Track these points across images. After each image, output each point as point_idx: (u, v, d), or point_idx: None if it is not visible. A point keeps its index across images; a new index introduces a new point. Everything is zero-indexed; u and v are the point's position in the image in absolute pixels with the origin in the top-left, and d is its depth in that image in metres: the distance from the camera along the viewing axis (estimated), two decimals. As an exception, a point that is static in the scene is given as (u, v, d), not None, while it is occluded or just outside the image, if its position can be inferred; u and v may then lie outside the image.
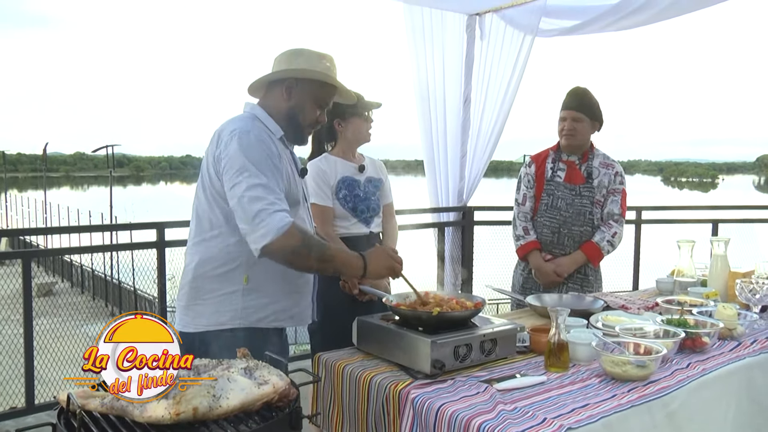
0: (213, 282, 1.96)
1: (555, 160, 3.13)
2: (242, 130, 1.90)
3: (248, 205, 1.81)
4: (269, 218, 1.79)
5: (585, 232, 3.05)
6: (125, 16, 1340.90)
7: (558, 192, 3.07)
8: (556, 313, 1.90)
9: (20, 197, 33.50)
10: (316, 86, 2.03)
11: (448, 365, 1.84)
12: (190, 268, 2.00)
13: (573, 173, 3.08)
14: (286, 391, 1.47)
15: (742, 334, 2.24)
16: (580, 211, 3.04)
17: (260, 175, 1.84)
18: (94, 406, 1.37)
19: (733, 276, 2.68)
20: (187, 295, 2.00)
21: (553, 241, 3.07)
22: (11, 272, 6.52)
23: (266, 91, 2.07)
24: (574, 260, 3.04)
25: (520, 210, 3.16)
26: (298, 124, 2.05)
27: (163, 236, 3.70)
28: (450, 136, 4.66)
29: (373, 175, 2.89)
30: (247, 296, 1.96)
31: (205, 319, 1.96)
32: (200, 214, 1.99)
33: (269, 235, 1.78)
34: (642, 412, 1.67)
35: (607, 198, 3.07)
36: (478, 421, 1.55)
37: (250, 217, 1.80)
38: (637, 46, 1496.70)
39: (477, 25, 4.59)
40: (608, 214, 3.07)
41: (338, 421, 2.01)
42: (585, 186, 3.06)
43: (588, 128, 3.06)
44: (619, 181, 3.09)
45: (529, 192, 3.15)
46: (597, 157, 3.11)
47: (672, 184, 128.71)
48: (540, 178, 3.13)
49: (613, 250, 3.08)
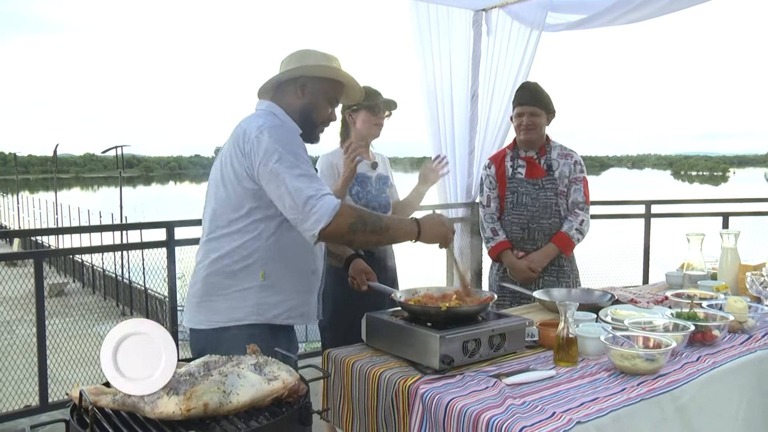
0: (229, 278, 1.97)
1: (514, 158, 3.18)
2: (272, 124, 1.93)
3: (296, 194, 1.83)
4: (319, 203, 1.82)
5: (554, 224, 3.08)
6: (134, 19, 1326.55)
7: (521, 188, 3.11)
8: (565, 308, 1.90)
9: (32, 198, 33.74)
10: (327, 84, 2.07)
11: (457, 360, 1.84)
12: (204, 265, 2.01)
13: (533, 168, 3.12)
14: (295, 387, 1.48)
15: (753, 327, 2.22)
16: (546, 204, 3.07)
17: (300, 164, 1.88)
18: (106, 403, 1.39)
19: (744, 269, 2.66)
20: (201, 292, 2.00)
21: (524, 237, 3.10)
22: (24, 273, 6.58)
23: (276, 91, 2.09)
24: (546, 253, 3.07)
25: (486, 212, 3.20)
26: (312, 122, 2.08)
27: (172, 235, 3.72)
28: (458, 132, 4.66)
29: (383, 173, 2.92)
30: (262, 292, 1.97)
31: (220, 315, 1.97)
32: (217, 210, 2.00)
33: (323, 219, 1.81)
34: (651, 405, 1.66)
35: (570, 187, 3.11)
36: (488, 416, 1.55)
37: (300, 205, 1.83)
38: (645, 39, 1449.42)
39: (483, 20, 4.59)
40: (573, 203, 3.11)
41: (348, 416, 2.02)
42: (547, 179, 3.10)
43: (544, 122, 3.12)
44: (579, 169, 3.13)
45: (492, 193, 3.19)
46: (554, 149, 3.16)
47: (682, 177, 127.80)
48: (501, 178, 3.17)
49: (582, 237, 3.12)
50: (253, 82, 2.12)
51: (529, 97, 3.09)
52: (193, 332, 2.03)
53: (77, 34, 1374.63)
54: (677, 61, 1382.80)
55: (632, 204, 5.18)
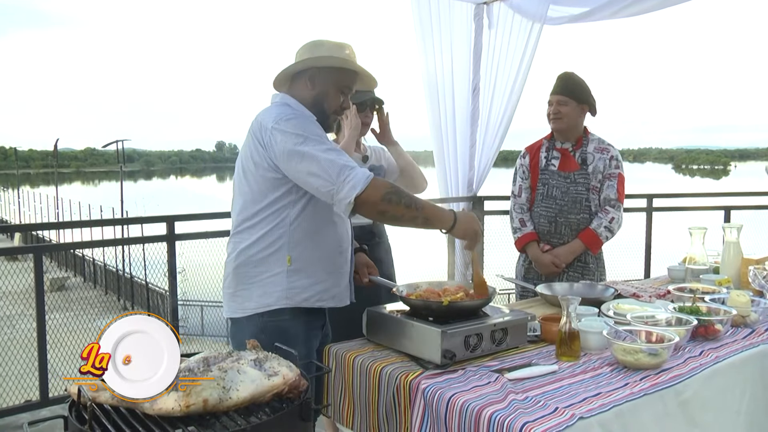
0: (257, 266, 2.01)
1: (549, 149, 3.11)
2: (287, 115, 1.97)
3: (329, 167, 1.85)
4: (353, 172, 1.84)
5: (582, 220, 3.01)
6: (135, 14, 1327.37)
7: (552, 181, 3.04)
8: (567, 302, 1.89)
9: (33, 193, 33.75)
10: (338, 73, 2.09)
11: (458, 355, 1.83)
12: (233, 257, 2.06)
13: (567, 161, 3.05)
14: (296, 383, 1.47)
15: (756, 321, 2.21)
16: (576, 199, 3.00)
17: (325, 142, 1.91)
18: (105, 399, 1.38)
19: (746, 263, 2.65)
20: (233, 283, 2.06)
21: (550, 231, 3.04)
22: (25, 267, 6.58)
23: (291, 83, 2.14)
24: (572, 249, 3.00)
25: (516, 202, 3.15)
26: (323, 112, 2.11)
27: (173, 229, 3.71)
28: (459, 125, 4.64)
29: (375, 164, 2.90)
30: (291, 277, 2.01)
31: (253, 302, 2.02)
32: (244, 204, 2.04)
33: (358, 186, 1.82)
34: (654, 400, 1.65)
35: (603, 183, 3.02)
36: (489, 411, 1.54)
37: (333, 176, 1.84)
38: (646, 32, 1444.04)
39: (485, 14, 4.56)
40: (605, 200, 3.02)
41: (349, 412, 2.01)
42: (579, 173, 3.02)
43: (575, 111, 3.00)
44: (614, 165, 3.02)
45: (524, 183, 3.14)
46: (592, 142, 3.07)
47: (683, 171, 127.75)
48: (534, 168, 3.11)
49: (612, 236, 3.02)
50: (255, 76, 2.12)
51: (558, 86, 3.01)
52: (232, 322, 2.09)
53: (78, 28, 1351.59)
54: (678, 54, 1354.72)
55: (634, 198, 5.16)
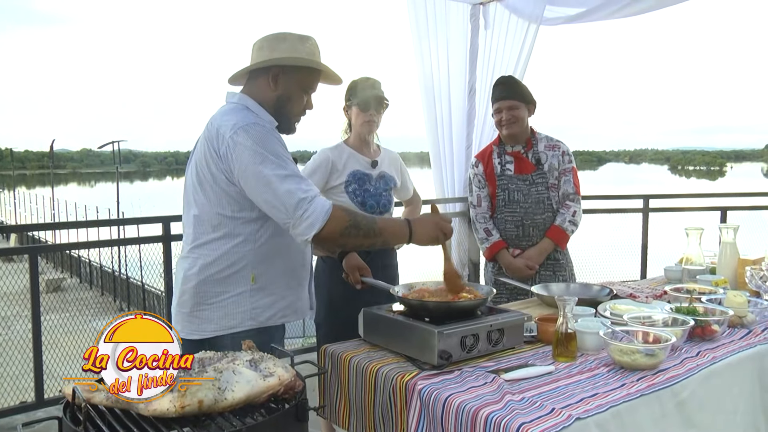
0: (219, 285, 1.92)
1: (501, 154, 3.14)
2: (246, 123, 1.84)
3: (286, 199, 1.77)
4: (311, 206, 1.77)
5: (548, 219, 3.06)
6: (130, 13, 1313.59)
7: (512, 185, 3.07)
8: (564, 303, 1.89)
9: (28, 194, 33.66)
10: (302, 73, 1.97)
11: (455, 356, 1.83)
12: (193, 273, 1.93)
13: (522, 163, 3.09)
14: (291, 383, 1.47)
15: (753, 321, 2.21)
16: (539, 200, 3.04)
17: (285, 165, 1.81)
18: (100, 400, 1.37)
19: (743, 263, 2.65)
20: (191, 301, 1.94)
21: (518, 235, 3.07)
22: (21, 268, 6.55)
23: (249, 79, 2.00)
24: (542, 249, 3.04)
25: (477, 212, 3.15)
26: (287, 114, 2.00)
27: (168, 230, 3.69)
28: (455, 126, 4.63)
29: (387, 171, 2.85)
30: (254, 296, 1.93)
31: (213, 324, 1.93)
32: (201, 215, 1.93)
33: (317, 223, 1.76)
34: (651, 401, 1.65)
35: (560, 179, 3.08)
36: (486, 412, 1.54)
37: (291, 210, 1.77)
38: (643, 33, 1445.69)
39: (481, 14, 4.55)
40: (564, 195, 3.08)
41: (345, 413, 2.01)
42: (537, 173, 3.06)
43: (525, 113, 3.06)
44: (567, 160, 3.10)
45: (482, 192, 3.15)
46: (540, 141, 3.12)
47: (679, 172, 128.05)
48: (490, 176, 3.13)
49: (576, 228, 3.09)
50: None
51: (505, 91, 3.06)
52: (187, 343, 1.95)
53: (74, 28, 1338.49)
54: (674, 55, 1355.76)
55: (630, 198, 5.17)
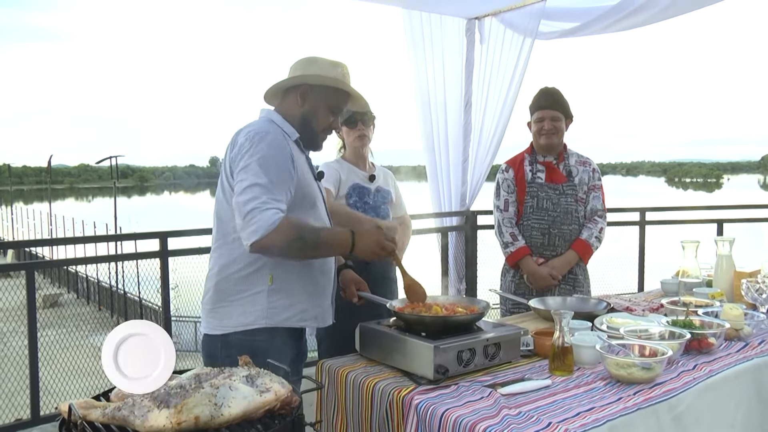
0: (238, 284, 2.01)
1: (532, 162, 3.14)
2: (258, 131, 1.96)
3: (243, 203, 1.86)
4: (260, 215, 1.83)
5: (573, 231, 3.06)
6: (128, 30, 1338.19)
7: (542, 193, 3.06)
8: (560, 316, 1.89)
9: (26, 209, 33.59)
10: (329, 93, 2.10)
11: (451, 370, 1.83)
12: (214, 272, 2.05)
13: (553, 173, 3.10)
14: (288, 399, 1.46)
15: (749, 334, 2.22)
16: (567, 210, 3.04)
17: (262, 175, 1.88)
18: (96, 417, 1.36)
19: (739, 276, 2.66)
20: (213, 299, 2.05)
21: (543, 243, 3.05)
22: (17, 284, 6.53)
23: (282, 97, 2.14)
24: (567, 260, 3.04)
25: (504, 216, 3.13)
26: (312, 130, 2.11)
27: (165, 246, 3.69)
28: (451, 140, 4.65)
29: (383, 186, 2.93)
30: (272, 296, 2.00)
31: (232, 320, 2.01)
32: (222, 217, 2.04)
33: (259, 232, 1.82)
34: (648, 415, 1.65)
35: (589, 194, 3.10)
36: (483, 427, 1.54)
37: (242, 214, 1.86)
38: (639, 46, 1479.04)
39: (476, 28, 4.59)
40: (592, 211, 3.09)
41: (342, 428, 2.00)
42: (567, 184, 3.08)
43: (563, 126, 3.09)
44: (597, 177, 3.13)
45: (510, 197, 3.14)
46: (572, 156, 3.14)
47: (676, 184, 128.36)
48: (521, 182, 3.12)
49: (600, 245, 3.11)
50: (247, 91, 2.13)
51: (550, 101, 3.06)
52: (207, 337, 2.07)
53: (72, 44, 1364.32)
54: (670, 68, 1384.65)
55: (627, 211, 5.18)
